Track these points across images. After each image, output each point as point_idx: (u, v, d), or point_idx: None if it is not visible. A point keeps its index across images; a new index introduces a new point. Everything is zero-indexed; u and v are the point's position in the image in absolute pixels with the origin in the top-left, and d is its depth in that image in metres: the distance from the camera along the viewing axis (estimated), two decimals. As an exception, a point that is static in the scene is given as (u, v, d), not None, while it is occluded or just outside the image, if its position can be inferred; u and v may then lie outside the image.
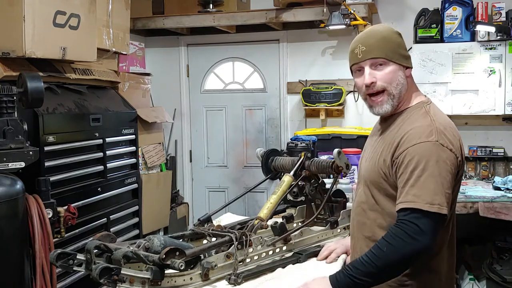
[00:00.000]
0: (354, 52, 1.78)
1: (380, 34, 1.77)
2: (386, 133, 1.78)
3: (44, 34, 2.76)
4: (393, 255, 1.56)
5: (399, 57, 1.76)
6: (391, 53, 1.74)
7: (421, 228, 1.54)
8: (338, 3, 4.26)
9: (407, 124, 1.70)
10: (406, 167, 1.61)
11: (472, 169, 4.52)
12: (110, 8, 3.67)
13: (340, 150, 2.29)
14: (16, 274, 2.35)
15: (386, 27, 1.83)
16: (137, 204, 3.81)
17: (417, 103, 1.78)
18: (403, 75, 1.76)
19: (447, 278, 1.75)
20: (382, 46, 1.74)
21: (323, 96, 4.78)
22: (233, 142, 5.36)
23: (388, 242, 1.57)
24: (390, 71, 1.74)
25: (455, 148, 1.64)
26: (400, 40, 1.80)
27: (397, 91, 1.74)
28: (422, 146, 1.61)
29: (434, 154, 1.59)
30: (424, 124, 1.66)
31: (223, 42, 5.26)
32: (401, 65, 1.76)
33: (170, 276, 1.75)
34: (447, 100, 4.27)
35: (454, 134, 1.68)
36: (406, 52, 1.80)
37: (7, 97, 2.39)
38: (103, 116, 3.36)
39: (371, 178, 1.76)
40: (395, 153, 1.66)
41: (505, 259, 4.00)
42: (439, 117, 1.72)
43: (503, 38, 4.13)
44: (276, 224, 2.14)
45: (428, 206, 1.55)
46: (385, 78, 1.74)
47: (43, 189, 2.59)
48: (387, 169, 1.69)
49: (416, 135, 1.63)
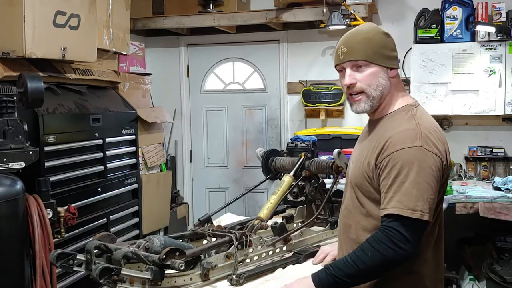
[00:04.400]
0: (337, 52, 1.78)
1: (363, 35, 1.75)
2: (371, 136, 1.77)
3: (44, 34, 2.76)
4: (376, 260, 1.58)
5: (382, 59, 1.74)
6: (372, 54, 1.73)
7: (404, 235, 1.55)
8: (338, 3, 4.26)
9: (392, 128, 1.69)
10: (390, 172, 1.61)
11: (472, 170, 4.52)
12: (110, 8, 3.67)
13: (340, 150, 2.30)
14: (16, 274, 2.35)
15: (371, 27, 1.80)
16: (137, 204, 3.81)
17: (403, 106, 1.76)
18: (385, 76, 1.75)
19: (432, 281, 1.73)
20: (363, 48, 1.73)
21: (323, 96, 4.78)
22: (233, 142, 5.36)
23: (372, 246, 1.58)
24: (371, 72, 1.73)
25: (440, 152, 1.63)
26: (385, 40, 1.77)
27: (378, 93, 1.74)
28: (406, 151, 1.60)
29: (418, 159, 1.58)
30: (408, 128, 1.65)
31: (223, 42, 5.26)
32: (383, 67, 1.74)
33: (170, 276, 1.75)
34: (447, 100, 4.27)
35: (439, 138, 1.67)
36: (391, 52, 1.77)
37: (7, 97, 2.39)
38: (103, 116, 3.36)
39: (356, 181, 1.76)
40: (379, 157, 1.66)
41: (505, 259, 4.00)
42: (425, 120, 1.70)
43: (503, 39, 4.13)
44: (276, 225, 2.14)
45: (410, 212, 1.55)
46: (365, 80, 1.73)
47: (43, 189, 2.59)
48: (371, 173, 1.69)
49: (400, 140, 1.62)
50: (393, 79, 1.78)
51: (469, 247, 4.22)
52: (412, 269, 1.69)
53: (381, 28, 1.81)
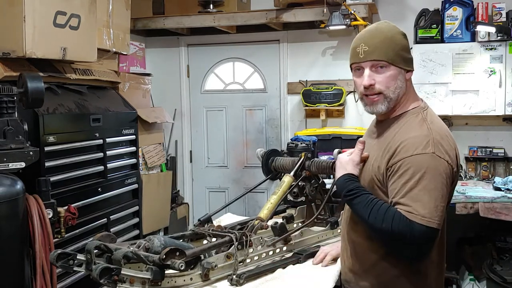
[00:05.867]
0: (356, 50, 1.73)
1: (385, 35, 1.71)
2: (382, 137, 1.76)
3: (44, 34, 2.76)
4: (382, 233, 1.59)
5: (402, 61, 1.71)
6: (394, 56, 1.70)
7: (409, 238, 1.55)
8: (338, 4, 4.26)
9: (404, 132, 1.67)
10: (400, 177, 1.60)
11: (472, 170, 4.52)
12: (110, 9, 3.67)
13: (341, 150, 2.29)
14: (16, 274, 2.35)
15: (391, 26, 1.77)
16: (137, 204, 3.81)
17: (414, 108, 1.74)
18: (403, 78, 1.73)
19: (436, 283, 1.74)
20: (385, 48, 1.69)
21: (324, 97, 4.78)
22: (233, 142, 5.36)
23: (392, 226, 1.56)
24: (391, 75, 1.70)
25: (451, 159, 1.62)
26: (405, 42, 1.75)
27: (395, 95, 1.71)
28: (419, 157, 1.59)
29: (430, 166, 1.58)
30: (421, 134, 1.64)
31: (223, 42, 5.26)
32: (402, 69, 1.72)
33: (170, 277, 1.75)
34: (448, 100, 4.27)
35: (451, 144, 1.66)
36: (409, 54, 1.75)
37: (7, 97, 2.39)
38: (104, 116, 3.36)
39: (363, 182, 1.74)
40: (390, 161, 1.65)
41: (505, 259, 4.00)
42: (436, 125, 1.69)
43: (503, 39, 4.13)
44: (276, 225, 2.14)
45: (420, 218, 1.55)
46: (384, 81, 1.70)
47: (43, 189, 2.59)
48: (380, 176, 1.68)
49: (413, 146, 1.61)
50: (408, 81, 1.75)
51: (469, 247, 4.22)
52: (419, 269, 1.69)
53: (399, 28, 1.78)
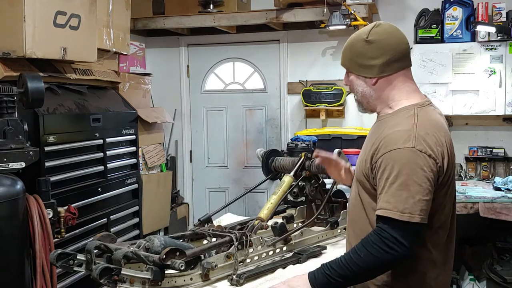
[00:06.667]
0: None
1: (348, 42, 1.79)
2: (372, 134, 1.78)
3: (44, 35, 2.76)
4: (368, 261, 1.57)
5: (357, 68, 1.74)
6: (348, 63, 1.78)
7: (394, 237, 1.54)
8: (338, 4, 4.26)
9: (389, 127, 1.67)
10: (382, 173, 1.60)
11: (472, 170, 4.52)
12: (110, 9, 3.67)
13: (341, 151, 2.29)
14: (16, 274, 2.35)
15: (358, 32, 1.76)
16: (138, 204, 3.81)
17: (408, 105, 1.72)
18: (363, 84, 1.75)
19: (437, 283, 1.72)
20: (343, 55, 1.80)
21: (324, 97, 4.78)
22: (234, 142, 5.36)
23: (365, 248, 1.58)
24: (351, 79, 1.79)
25: (434, 153, 1.59)
26: (364, 48, 1.71)
27: (363, 99, 1.79)
28: (397, 152, 1.58)
29: (409, 161, 1.56)
30: (403, 129, 1.62)
31: (224, 42, 5.26)
32: (359, 75, 1.76)
33: (171, 277, 1.75)
34: (448, 100, 4.27)
35: (438, 139, 1.62)
36: (368, 61, 1.71)
37: (7, 97, 2.39)
38: (104, 116, 3.36)
39: (357, 177, 1.78)
40: (373, 157, 1.65)
41: (506, 259, 4.00)
42: (426, 120, 1.66)
43: (503, 39, 4.13)
44: (276, 225, 2.14)
45: (399, 215, 1.54)
46: (350, 85, 1.81)
47: (43, 189, 2.59)
48: (367, 171, 1.69)
49: (393, 141, 1.61)
50: (375, 85, 1.73)
51: (470, 247, 4.22)
52: (417, 269, 1.68)
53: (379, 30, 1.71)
